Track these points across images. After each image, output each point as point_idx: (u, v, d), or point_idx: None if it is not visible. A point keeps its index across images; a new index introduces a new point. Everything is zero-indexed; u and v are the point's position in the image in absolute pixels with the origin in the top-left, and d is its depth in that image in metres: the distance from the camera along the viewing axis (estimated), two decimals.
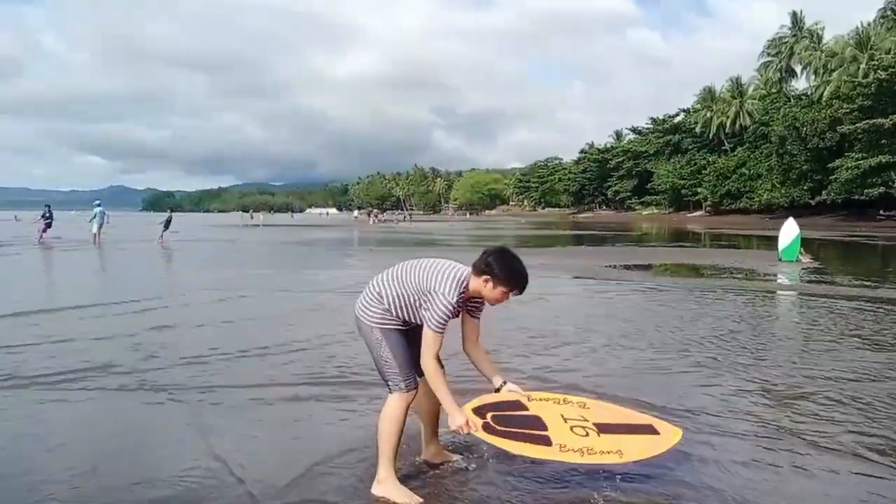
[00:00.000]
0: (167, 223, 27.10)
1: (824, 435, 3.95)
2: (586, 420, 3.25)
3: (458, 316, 3.19)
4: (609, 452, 3.05)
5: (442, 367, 3.14)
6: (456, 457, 3.55)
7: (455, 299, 3.04)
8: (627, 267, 16.10)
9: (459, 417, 3.05)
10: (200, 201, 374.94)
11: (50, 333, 7.02)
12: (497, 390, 3.29)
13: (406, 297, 3.14)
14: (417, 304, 3.12)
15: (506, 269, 3.08)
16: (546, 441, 3.08)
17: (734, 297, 10.36)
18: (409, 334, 3.24)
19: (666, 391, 4.92)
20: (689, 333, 7.20)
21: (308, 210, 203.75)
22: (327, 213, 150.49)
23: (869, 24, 61.29)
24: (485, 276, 3.08)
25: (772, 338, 7.08)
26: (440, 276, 3.09)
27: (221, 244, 27.56)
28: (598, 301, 10.11)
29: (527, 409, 3.26)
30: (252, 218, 75.76)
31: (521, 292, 3.14)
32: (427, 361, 3.05)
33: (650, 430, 3.27)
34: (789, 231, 16.80)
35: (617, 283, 12.24)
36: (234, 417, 4.32)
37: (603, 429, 3.20)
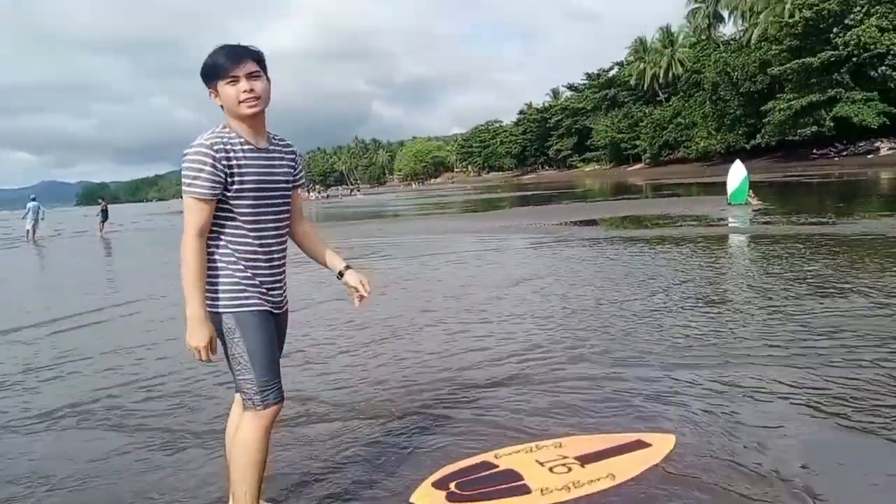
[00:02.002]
0: (104, 213, 26.82)
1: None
2: (566, 457, 2.93)
3: (237, 177, 2.18)
4: (598, 479, 2.70)
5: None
6: None
7: (211, 142, 2.15)
8: (576, 223, 15.69)
9: (200, 334, 2.15)
10: (137, 190, 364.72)
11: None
12: (340, 275, 2.49)
13: None
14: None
15: (202, 68, 2.23)
16: (524, 490, 2.67)
17: (699, 245, 9.99)
18: (280, 323, 2.41)
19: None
20: (659, 296, 6.72)
21: None
22: None
23: None
24: (209, 90, 2.24)
25: (758, 289, 6.66)
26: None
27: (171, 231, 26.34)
28: (553, 259, 9.56)
29: (496, 466, 2.89)
30: None
31: (236, 61, 2.18)
32: (185, 238, 2.14)
33: (640, 444, 3.01)
34: (737, 174, 16.59)
35: (568, 241, 11.76)
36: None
37: (586, 460, 2.89)
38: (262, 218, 2.27)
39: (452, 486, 2.73)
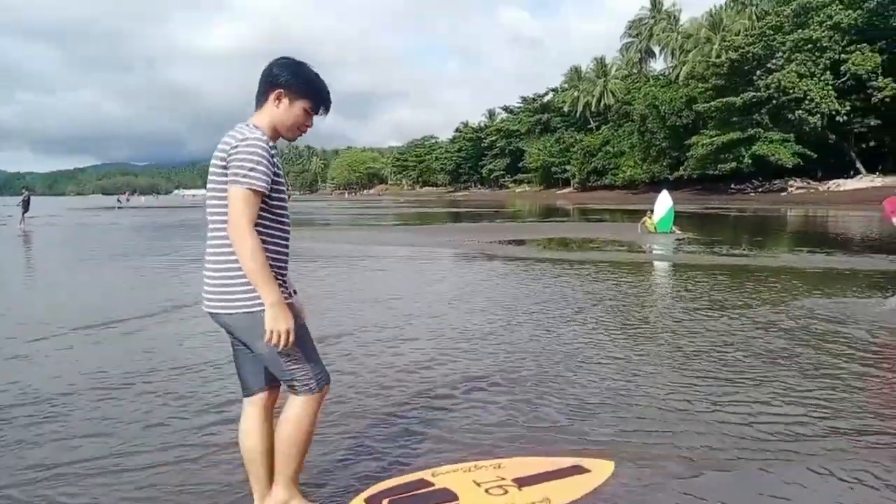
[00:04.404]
0: (25, 204, 25.07)
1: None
2: (503, 479, 2.92)
3: (275, 177, 2.32)
4: (533, 503, 2.72)
5: None
6: None
7: (266, 138, 2.29)
8: (511, 242, 15.96)
9: (288, 316, 2.23)
10: (55, 183, 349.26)
11: None
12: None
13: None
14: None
15: (300, 75, 2.38)
16: None
17: (630, 272, 10.34)
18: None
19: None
20: (586, 321, 6.92)
21: (176, 191, 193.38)
22: (192, 195, 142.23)
23: (721, 7, 65.44)
24: (275, 91, 2.36)
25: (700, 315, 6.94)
26: (233, 133, 2.29)
27: (100, 228, 25.10)
28: (486, 279, 9.71)
29: (432, 484, 2.87)
30: (128, 200, 75.84)
31: (326, 110, 2.49)
32: (242, 229, 2.19)
33: (578, 469, 3.03)
34: (663, 203, 17.27)
35: (503, 261, 11.96)
36: None
37: (523, 482, 2.88)
38: (287, 214, 2.43)
39: (385, 502, 2.70)
